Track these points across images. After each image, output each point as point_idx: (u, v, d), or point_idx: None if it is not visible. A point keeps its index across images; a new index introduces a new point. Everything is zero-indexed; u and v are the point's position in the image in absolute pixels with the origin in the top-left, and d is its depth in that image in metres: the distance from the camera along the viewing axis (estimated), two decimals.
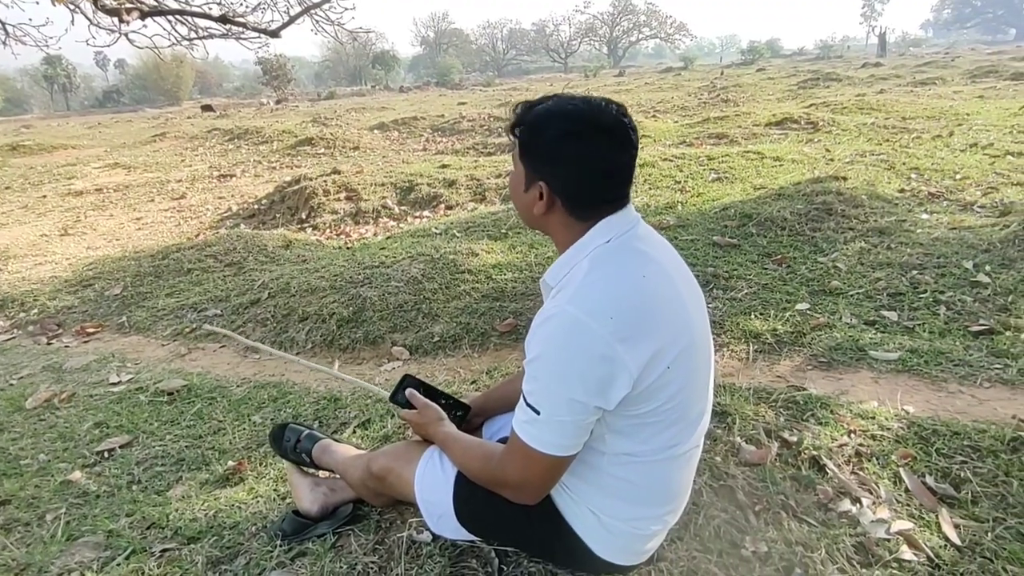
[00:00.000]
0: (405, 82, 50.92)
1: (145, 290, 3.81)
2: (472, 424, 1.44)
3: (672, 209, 4.18)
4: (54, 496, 1.81)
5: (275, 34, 6.11)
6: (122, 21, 5.03)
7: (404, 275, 3.17)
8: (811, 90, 13.52)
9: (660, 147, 6.80)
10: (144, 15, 5.22)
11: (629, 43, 65.99)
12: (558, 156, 1.02)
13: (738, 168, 5.14)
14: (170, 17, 5.74)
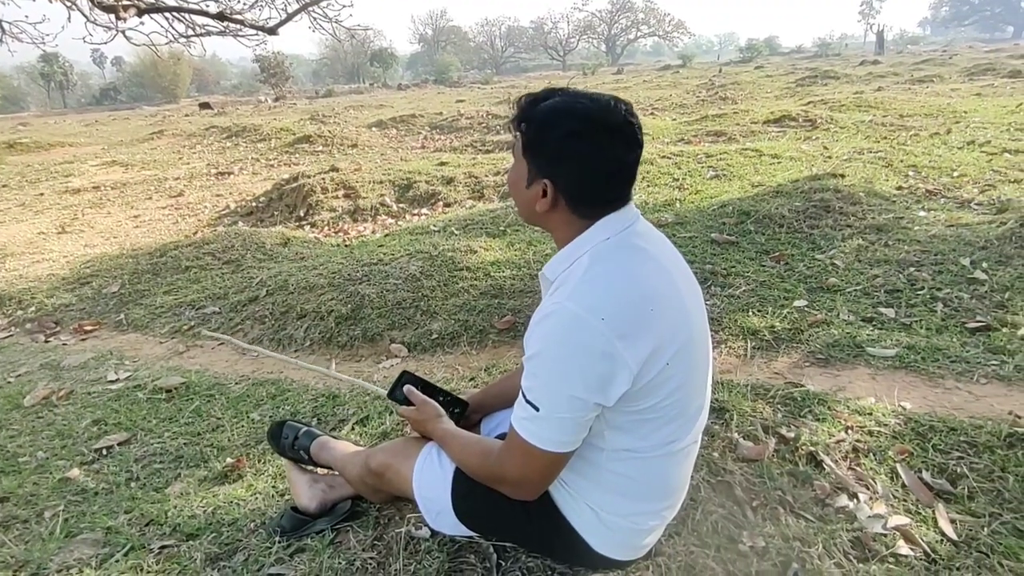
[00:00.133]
0: (403, 80, 50.81)
1: (143, 288, 3.80)
2: (470, 420, 1.44)
3: (670, 206, 4.18)
4: (52, 493, 1.81)
5: (273, 31, 6.10)
6: (119, 18, 5.02)
7: (402, 272, 3.17)
8: (809, 88, 13.52)
9: (659, 145, 6.80)
10: (141, 12, 5.20)
11: (627, 41, 65.89)
12: (565, 155, 1.00)
13: (736, 166, 5.14)
14: (167, 14, 5.72)
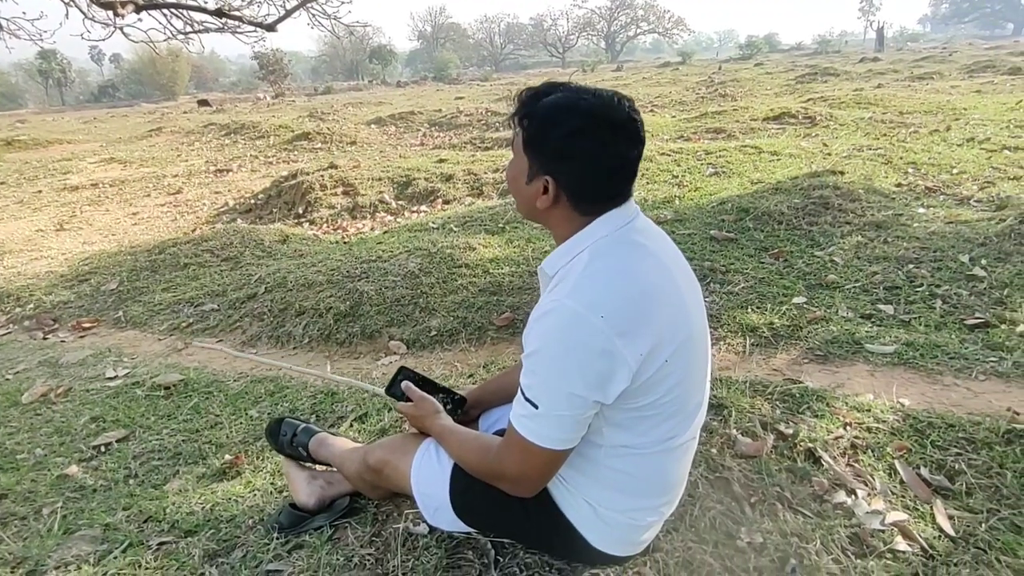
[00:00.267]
0: (402, 77, 50.78)
1: (141, 285, 3.80)
2: (468, 416, 1.44)
3: (670, 203, 4.18)
4: (51, 490, 1.81)
5: (271, 28, 6.09)
6: (117, 15, 5.01)
7: (401, 269, 3.17)
8: (809, 85, 13.51)
9: (658, 141, 6.79)
10: (139, 9, 5.19)
11: (627, 38, 65.77)
12: (568, 153, 1.00)
13: (735, 162, 5.14)
14: (165, 11, 5.71)
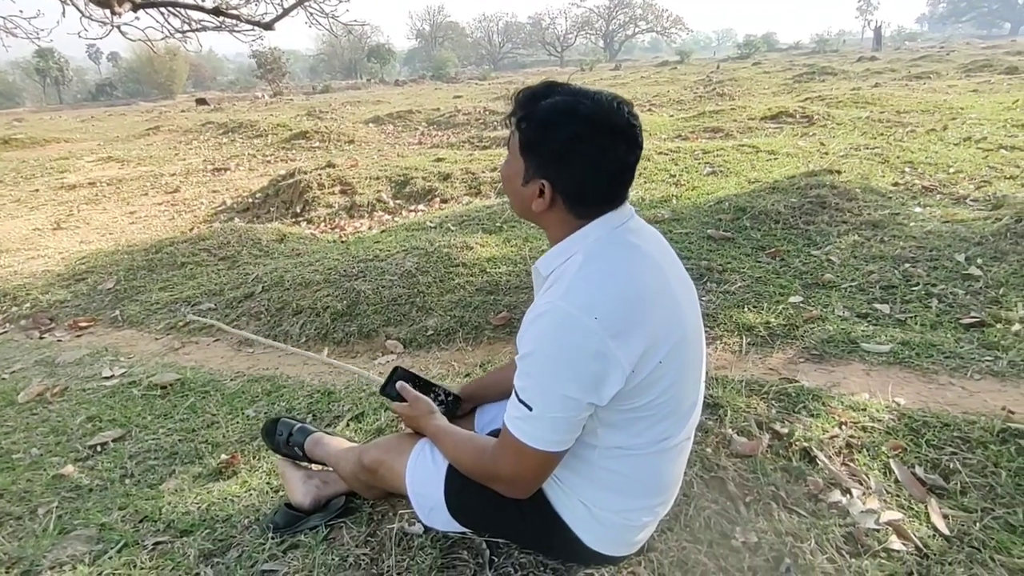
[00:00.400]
0: (400, 75, 50.69)
1: (138, 284, 3.79)
2: (462, 411, 1.44)
3: (667, 202, 4.18)
4: (46, 490, 1.81)
5: (269, 26, 6.08)
6: (114, 13, 5.00)
7: (398, 269, 3.16)
8: (806, 84, 13.52)
9: (656, 141, 6.79)
10: (136, 7, 5.18)
11: (625, 37, 65.73)
12: (567, 157, 0.99)
13: (733, 162, 5.14)
14: (163, 9, 5.70)
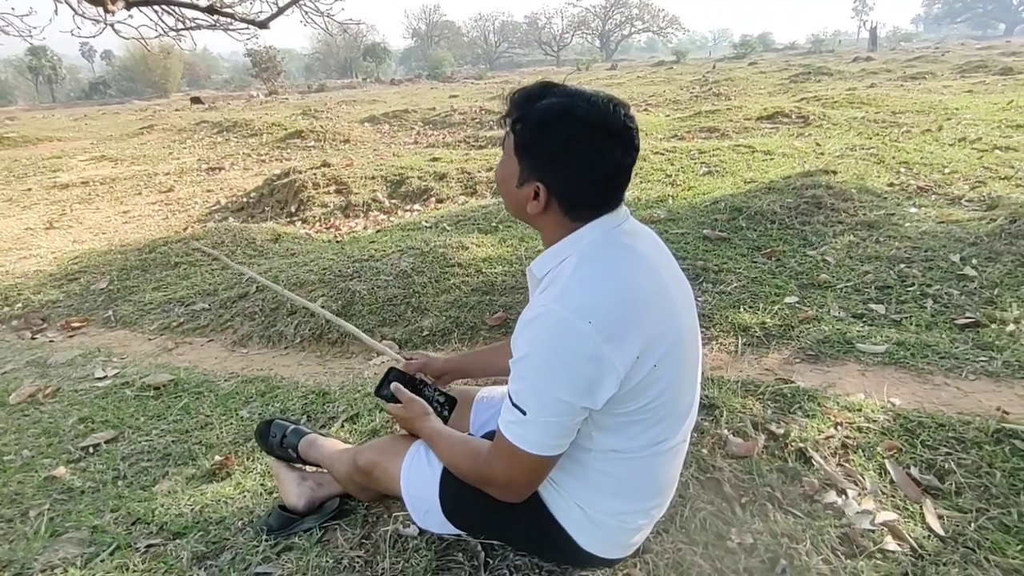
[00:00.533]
0: (396, 75, 50.60)
1: (131, 284, 3.77)
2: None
3: (663, 202, 4.18)
4: (38, 492, 1.79)
5: (264, 25, 6.05)
6: (107, 11, 4.96)
7: (394, 269, 3.15)
8: (802, 84, 13.54)
9: (652, 141, 6.79)
10: (130, 5, 5.14)
11: (621, 36, 65.80)
12: (563, 160, 0.98)
13: (729, 162, 5.15)
14: (157, 7, 5.66)
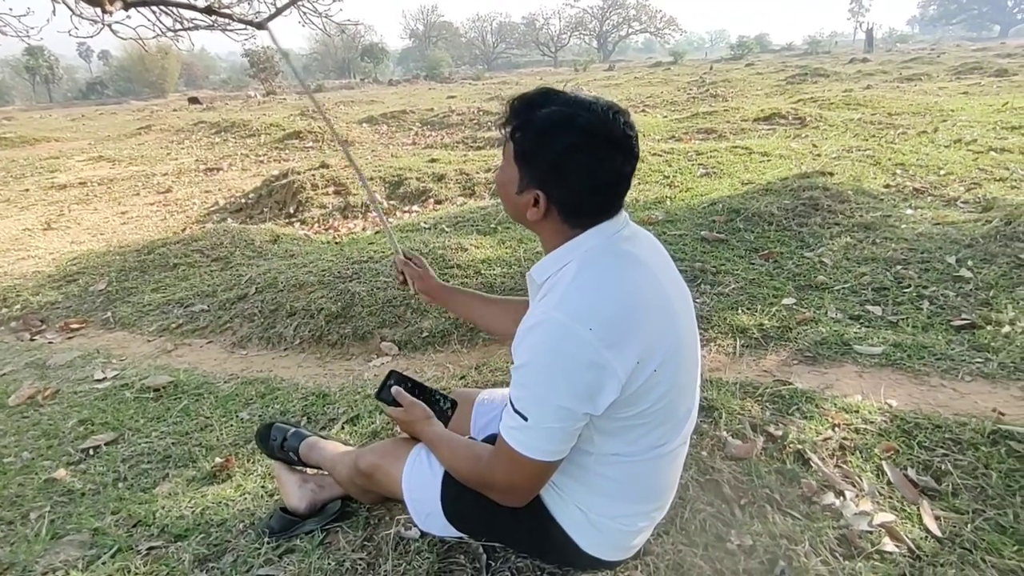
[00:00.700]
0: (394, 75, 50.59)
1: (130, 285, 3.77)
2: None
3: (661, 204, 4.20)
4: (38, 494, 1.79)
5: (261, 26, 6.03)
6: (105, 11, 4.94)
7: (393, 270, 3.15)
8: (799, 86, 13.59)
9: (649, 142, 6.81)
10: (127, 5, 5.13)
11: (619, 37, 65.87)
12: (562, 169, 0.98)
13: (726, 163, 5.16)
14: (154, 8, 5.65)
